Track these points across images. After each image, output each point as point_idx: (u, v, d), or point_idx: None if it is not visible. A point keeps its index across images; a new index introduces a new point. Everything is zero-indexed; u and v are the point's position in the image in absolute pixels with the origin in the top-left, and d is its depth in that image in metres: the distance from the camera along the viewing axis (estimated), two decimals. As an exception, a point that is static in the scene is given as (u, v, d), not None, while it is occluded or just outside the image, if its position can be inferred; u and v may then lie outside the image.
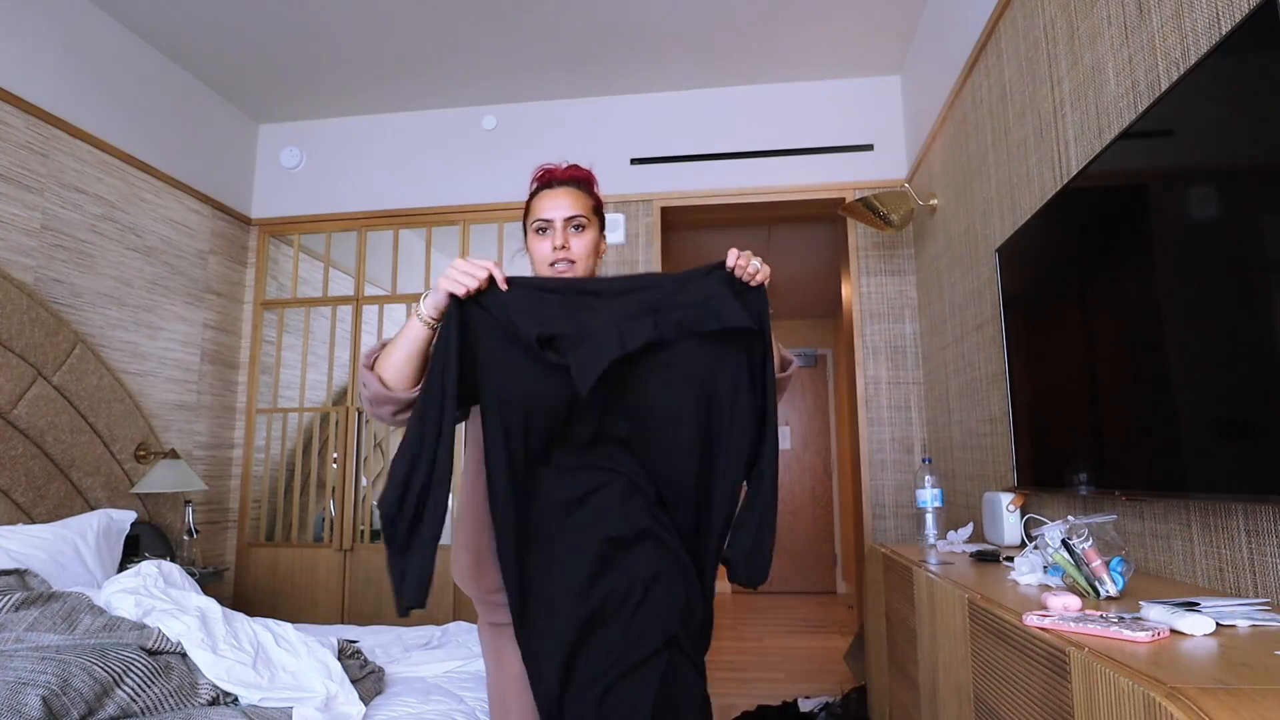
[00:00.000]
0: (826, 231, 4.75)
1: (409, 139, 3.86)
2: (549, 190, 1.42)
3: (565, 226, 1.39)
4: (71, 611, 1.73)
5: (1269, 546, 1.20)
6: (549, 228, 1.40)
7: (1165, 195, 1.40)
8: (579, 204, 1.41)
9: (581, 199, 1.42)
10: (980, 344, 2.54)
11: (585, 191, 1.44)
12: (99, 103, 3.01)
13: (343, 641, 1.92)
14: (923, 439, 3.33)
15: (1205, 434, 1.27)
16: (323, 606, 3.57)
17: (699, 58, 3.41)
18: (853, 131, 3.54)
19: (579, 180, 1.44)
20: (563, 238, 1.38)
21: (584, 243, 1.40)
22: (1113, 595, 1.27)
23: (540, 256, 1.40)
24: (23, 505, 2.53)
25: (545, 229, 1.40)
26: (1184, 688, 0.77)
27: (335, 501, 3.70)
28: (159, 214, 3.29)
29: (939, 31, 2.91)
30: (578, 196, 1.42)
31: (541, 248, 1.40)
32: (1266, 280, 1.12)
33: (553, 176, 1.43)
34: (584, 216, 1.41)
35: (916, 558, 2.05)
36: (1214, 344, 1.23)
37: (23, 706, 1.27)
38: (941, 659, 1.65)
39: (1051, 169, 1.97)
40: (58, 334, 2.68)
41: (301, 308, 3.87)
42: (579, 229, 1.40)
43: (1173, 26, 1.42)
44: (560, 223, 1.39)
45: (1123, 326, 1.53)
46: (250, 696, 1.59)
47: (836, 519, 6.91)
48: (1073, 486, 1.76)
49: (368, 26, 3.15)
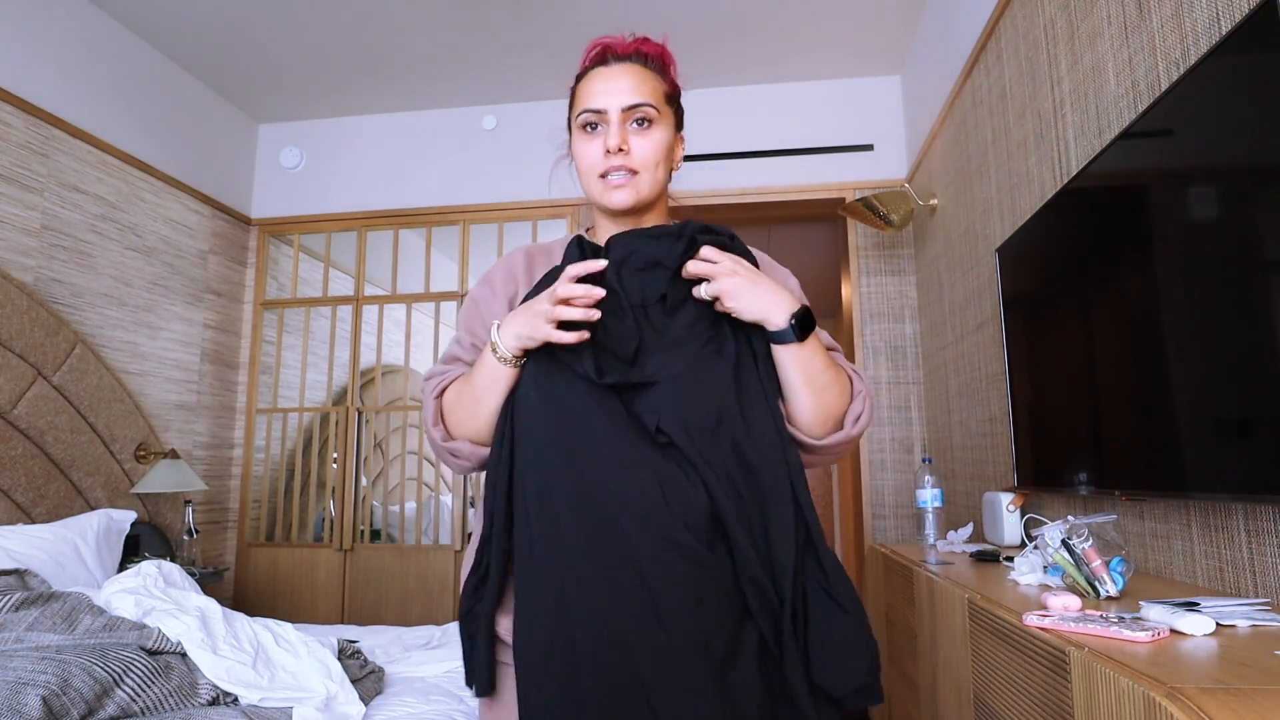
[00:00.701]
0: (826, 231, 4.75)
1: (409, 139, 3.86)
2: (603, 69, 1.02)
3: (624, 120, 0.99)
4: (71, 611, 1.73)
5: (1269, 546, 1.20)
6: (600, 121, 1.00)
7: (1165, 195, 1.40)
8: (645, 87, 1.00)
9: (648, 81, 1.01)
10: (980, 344, 2.54)
11: (656, 72, 1.04)
12: (99, 103, 3.01)
13: (343, 641, 1.93)
14: (923, 439, 3.33)
15: (1205, 434, 1.27)
16: (323, 606, 3.57)
17: (699, 58, 3.41)
18: (853, 131, 3.54)
19: (647, 57, 1.04)
20: (619, 136, 0.98)
21: (650, 144, 1.00)
22: (1113, 595, 1.27)
23: (587, 165, 1.02)
24: (23, 505, 2.53)
25: (595, 124, 1.01)
26: (1184, 688, 0.77)
27: (335, 501, 3.70)
28: (159, 214, 3.29)
29: (939, 31, 2.91)
30: (644, 78, 1.01)
31: (590, 151, 1.01)
32: (1266, 280, 1.12)
33: (611, 50, 1.04)
34: (651, 106, 1.00)
35: (916, 558, 2.05)
36: (1214, 344, 1.23)
37: (23, 706, 1.27)
38: (941, 659, 1.65)
39: (1051, 169, 1.97)
40: (58, 334, 2.68)
41: (301, 308, 3.87)
42: (644, 124, 1.00)
43: (1173, 26, 1.42)
44: (617, 114, 0.99)
45: (1123, 326, 1.53)
46: (250, 696, 1.59)
47: (836, 519, 6.91)
48: (1073, 486, 1.76)
49: (367, 26, 3.15)
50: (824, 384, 0.95)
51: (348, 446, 3.71)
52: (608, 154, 0.99)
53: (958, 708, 1.53)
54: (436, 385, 1.02)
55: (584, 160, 1.02)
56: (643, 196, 1.01)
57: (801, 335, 0.92)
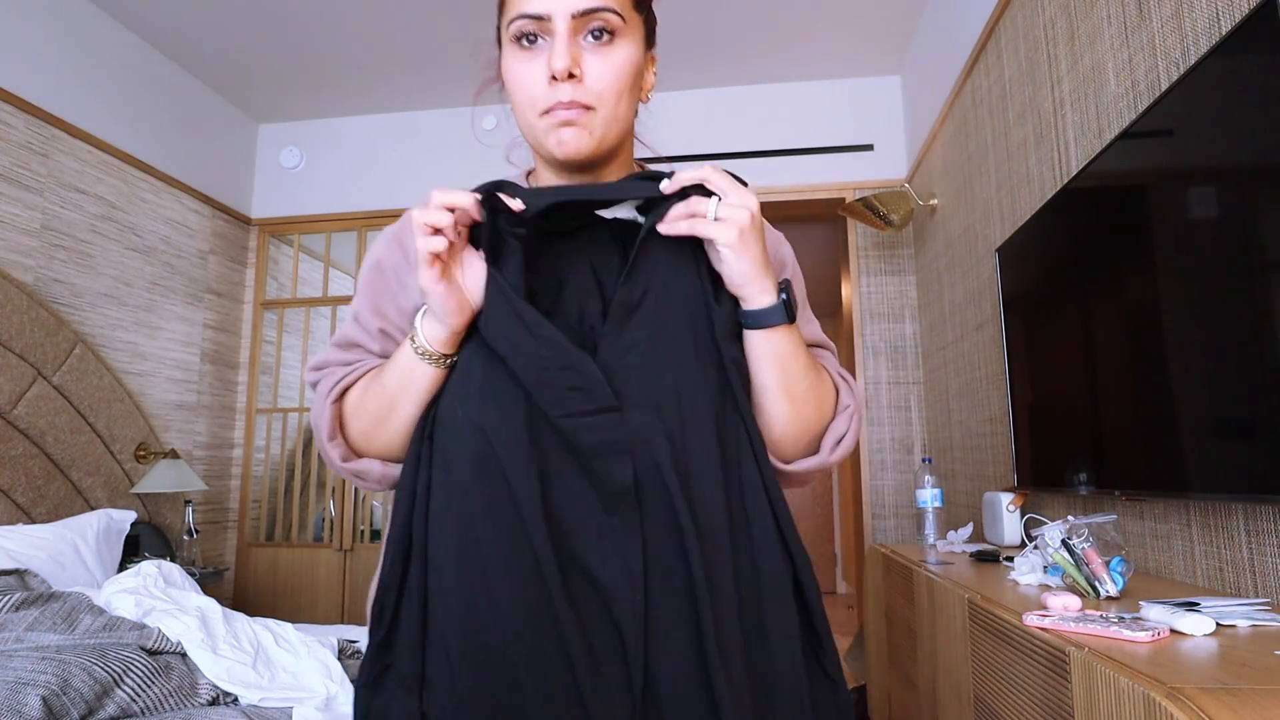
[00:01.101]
0: (826, 231, 4.75)
1: (409, 139, 3.86)
2: None
3: (576, 31, 0.71)
4: (71, 611, 1.73)
5: (1269, 546, 1.20)
6: (541, 33, 0.72)
7: (1165, 195, 1.40)
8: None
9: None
10: (980, 344, 2.54)
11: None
12: (99, 103, 3.01)
13: (343, 641, 1.93)
14: (923, 439, 3.33)
15: (1205, 434, 1.27)
16: (323, 606, 3.57)
17: (699, 58, 3.41)
18: (853, 131, 3.54)
19: None
20: (569, 55, 0.70)
21: (612, 66, 0.72)
22: (1113, 595, 1.27)
23: (526, 95, 0.74)
24: (23, 505, 2.52)
25: (534, 35, 0.73)
26: (1184, 688, 0.77)
27: (335, 501, 3.70)
28: (159, 214, 3.29)
29: (939, 31, 2.91)
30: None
31: (527, 76, 0.73)
32: (1266, 280, 1.12)
33: None
34: (613, 12, 0.72)
35: (916, 558, 2.05)
36: (1214, 344, 1.23)
37: (23, 706, 1.27)
38: (941, 659, 1.65)
39: (1051, 169, 1.97)
40: (58, 334, 2.68)
41: (301, 308, 3.87)
42: (602, 36, 0.72)
43: (1173, 26, 1.42)
44: (565, 24, 0.71)
45: (1123, 326, 1.53)
46: (250, 696, 1.59)
47: (836, 519, 6.91)
48: (1073, 486, 1.76)
49: (368, 26, 3.15)
50: (803, 390, 0.74)
51: (348, 446, 3.70)
52: (553, 80, 0.71)
53: (958, 708, 1.53)
54: (331, 385, 0.77)
55: (520, 89, 0.74)
56: (601, 140, 0.74)
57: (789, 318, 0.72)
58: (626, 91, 0.74)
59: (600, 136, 0.74)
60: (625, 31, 0.73)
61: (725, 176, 0.69)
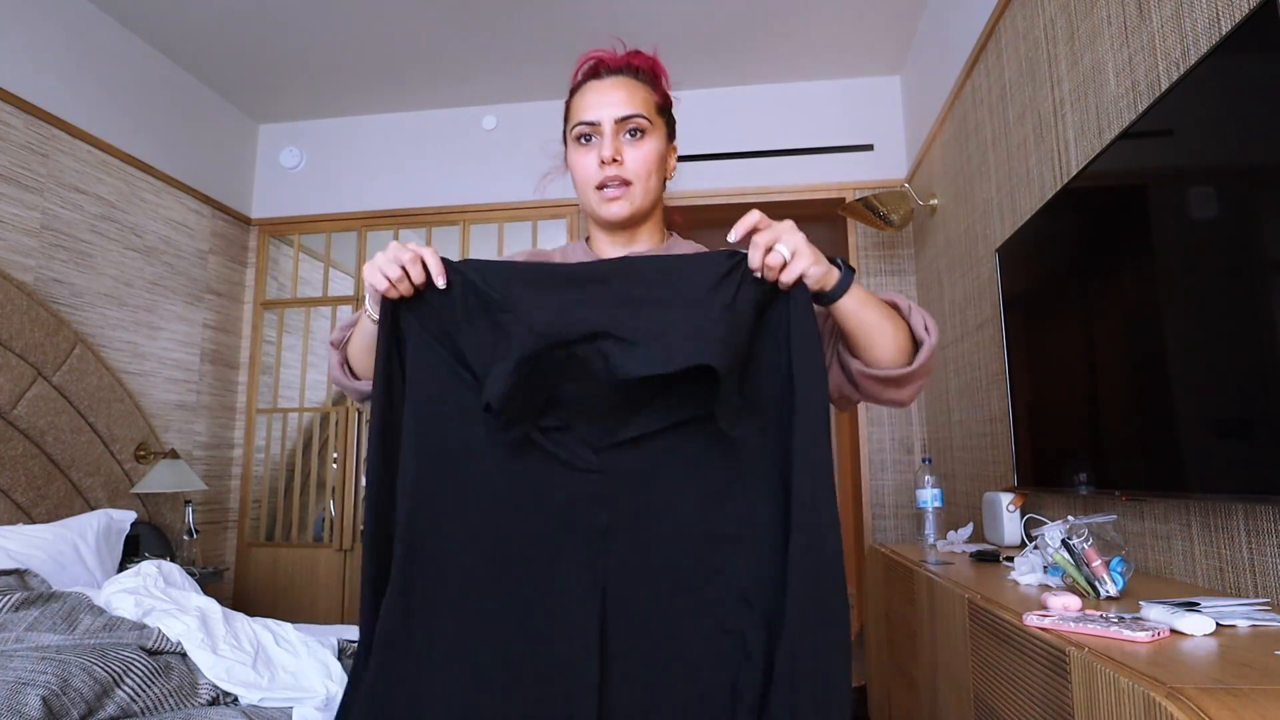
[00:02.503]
0: (826, 231, 4.74)
1: (409, 139, 3.86)
2: (595, 82, 1.04)
3: (617, 132, 1.01)
4: (71, 611, 1.73)
5: (1269, 546, 1.20)
6: (594, 133, 1.02)
7: (1165, 195, 1.40)
8: (636, 98, 1.02)
9: (641, 93, 1.03)
10: (980, 344, 2.54)
11: (647, 83, 1.06)
12: (99, 103, 3.01)
13: (343, 641, 1.92)
14: (923, 439, 3.33)
15: (1205, 434, 1.27)
16: (323, 606, 3.57)
17: (699, 58, 3.41)
18: (853, 131, 3.54)
19: (638, 70, 1.05)
20: (613, 147, 1.00)
21: (643, 155, 1.02)
22: (1113, 595, 1.27)
23: (583, 176, 1.03)
24: (23, 505, 2.52)
25: (589, 136, 1.02)
26: (1184, 688, 0.77)
27: (335, 501, 3.70)
28: (159, 214, 3.29)
29: (939, 31, 2.91)
30: (635, 90, 1.03)
31: (584, 163, 1.03)
32: (1266, 280, 1.12)
33: (603, 64, 1.05)
34: (643, 117, 1.02)
35: (916, 558, 2.05)
36: (1214, 344, 1.23)
37: (23, 706, 1.27)
38: (941, 659, 1.65)
39: (1051, 169, 1.97)
40: (58, 334, 2.68)
41: (301, 308, 3.87)
42: (637, 135, 1.02)
43: (1173, 26, 1.42)
44: (610, 126, 1.01)
45: (1123, 326, 1.53)
46: (250, 696, 1.59)
47: (836, 519, 6.90)
48: (1073, 486, 1.76)
49: (368, 26, 3.15)
50: (887, 313, 0.92)
51: (348, 446, 3.71)
52: (602, 165, 1.01)
53: (958, 708, 1.53)
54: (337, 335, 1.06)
55: (580, 172, 1.04)
56: (638, 207, 1.03)
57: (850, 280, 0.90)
58: (654, 171, 1.03)
59: (636, 205, 1.03)
60: (652, 130, 1.03)
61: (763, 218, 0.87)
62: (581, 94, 1.05)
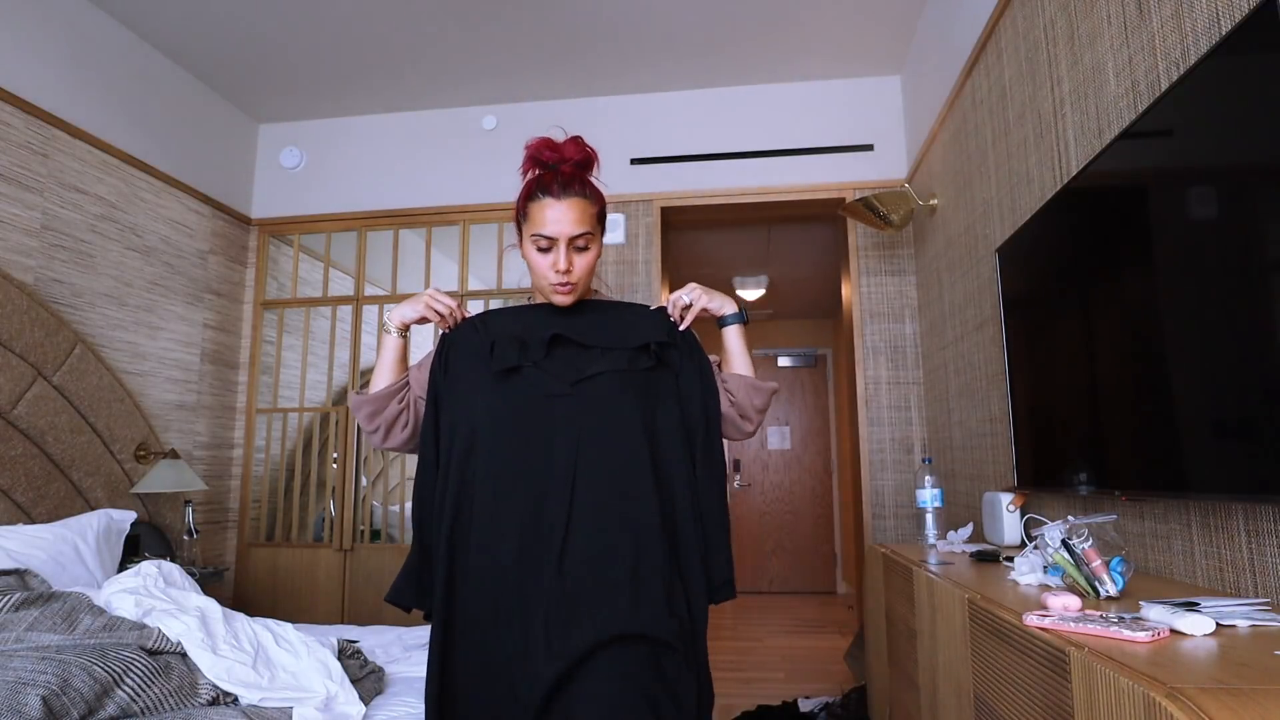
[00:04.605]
0: (826, 231, 4.75)
1: (409, 139, 3.86)
2: (552, 200, 1.30)
3: (569, 247, 1.30)
4: (71, 611, 1.73)
5: (1269, 546, 1.21)
6: (552, 247, 1.30)
7: (1165, 195, 1.40)
8: (584, 219, 1.30)
9: (586, 212, 1.31)
10: (980, 344, 2.54)
11: (591, 199, 1.33)
12: (99, 103, 3.01)
13: (343, 641, 1.92)
14: (923, 439, 3.33)
15: (1205, 434, 1.27)
16: (323, 606, 3.57)
17: (699, 58, 3.41)
18: (853, 131, 3.54)
19: (583, 185, 1.32)
20: (566, 260, 1.29)
21: (586, 262, 1.32)
22: (1113, 595, 1.27)
23: (540, 272, 1.33)
24: (23, 505, 2.53)
25: (547, 248, 1.31)
26: (1184, 688, 0.77)
27: (335, 501, 3.70)
28: (159, 214, 3.29)
29: (939, 31, 2.91)
30: (583, 210, 1.31)
31: (541, 263, 1.32)
32: (1266, 280, 1.12)
33: (554, 180, 1.31)
34: (589, 233, 1.31)
35: (916, 558, 2.05)
36: (1214, 344, 1.23)
37: (23, 706, 1.27)
38: (941, 659, 1.65)
39: (1051, 169, 1.97)
40: (58, 334, 2.68)
41: (301, 308, 3.87)
42: (583, 249, 1.32)
43: (1173, 26, 1.42)
44: (564, 243, 1.29)
45: (1123, 326, 1.53)
46: (250, 696, 1.59)
47: (836, 519, 6.91)
48: (1073, 486, 1.76)
49: (368, 26, 3.15)
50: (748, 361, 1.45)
51: (348, 446, 3.71)
52: (556, 270, 1.30)
53: (958, 708, 1.53)
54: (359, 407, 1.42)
55: (537, 269, 1.33)
56: (579, 295, 1.36)
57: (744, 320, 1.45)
58: (591, 270, 1.35)
59: (579, 294, 1.36)
60: (593, 240, 1.34)
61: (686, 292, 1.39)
62: (539, 207, 1.31)
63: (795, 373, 7.11)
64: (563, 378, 1.28)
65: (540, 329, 1.33)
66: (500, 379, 1.29)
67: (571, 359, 1.31)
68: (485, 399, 1.29)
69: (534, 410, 1.27)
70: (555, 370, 1.29)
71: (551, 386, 1.28)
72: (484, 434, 1.28)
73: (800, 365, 7.12)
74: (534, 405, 1.27)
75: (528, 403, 1.28)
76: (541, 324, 1.34)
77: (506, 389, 1.29)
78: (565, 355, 1.32)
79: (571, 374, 1.29)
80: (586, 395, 1.28)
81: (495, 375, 1.29)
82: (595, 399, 1.28)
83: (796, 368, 7.11)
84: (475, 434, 1.29)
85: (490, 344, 1.32)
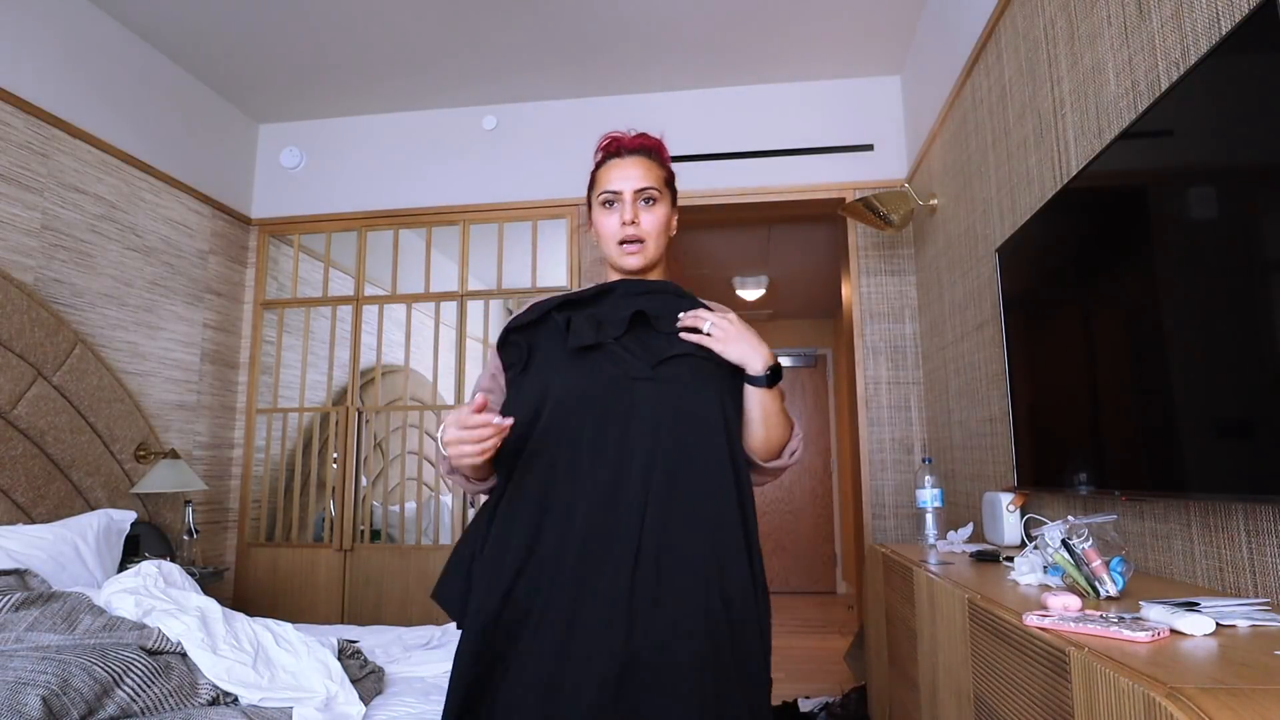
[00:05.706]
0: (826, 231, 4.75)
1: (409, 139, 3.86)
2: (617, 159, 1.31)
3: (635, 199, 1.27)
4: (71, 611, 1.73)
5: (1269, 546, 1.21)
6: (617, 200, 1.28)
7: (1165, 195, 1.40)
8: (650, 174, 1.29)
9: (653, 170, 1.30)
10: (980, 344, 2.54)
11: (657, 161, 1.32)
12: (99, 103, 3.01)
13: (343, 641, 1.93)
14: (923, 439, 3.33)
15: (1205, 434, 1.27)
16: (323, 606, 3.57)
17: (699, 58, 3.41)
18: (853, 131, 3.54)
19: (649, 149, 1.32)
20: (632, 212, 1.27)
21: (655, 218, 1.29)
22: (1113, 595, 1.27)
23: (608, 232, 1.29)
24: (23, 505, 2.53)
25: (613, 202, 1.29)
26: (1184, 688, 0.77)
27: (335, 501, 3.70)
28: (159, 214, 3.29)
29: (939, 32, 2.91)
30: (649, 167, 1.30)
31: (608, 223, 1.29)
32: (1266, 280, 1.12)
33: (620, 144, 1.32)
34: (655, 189, 1.29)
35: (916, 558, 2.05)
36: (1214, 344, 1.23)
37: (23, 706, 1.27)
38: (941, 659, 1.65)
39: (1051, 169, 1.97)
40: (58, 334, 2.68)
41: (301, 308, 3.87)
42: (650, 203, 1.29)
43: (1173, 26, 1.42)
44: (630, 195, 1.27)
45: (1123, 326, 1.53)
46: (250, 696, 1.59)
47: (836, 519, 6.91)
48: (1073, 486, 1.76)
49: (368, 26, 3.15)
50: (775, 423, 1.23)
51: (348, 446, 3.71)
52: (623, 225, 1.27)
53: (958, 708, 1.53)
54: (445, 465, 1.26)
55: (604, 229, 1.30)
56: (650, 259, 1.30)
57: (770, 384, 1.21)
58: (663, 232, 1.31)
59: (649, 257, 1.30)
60: (661, 199, 1.30)
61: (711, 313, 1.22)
62: (606, 169, 1.31)
63: (795, 373, 7.11)
64: (643, 359, 1.20)
65: (620, 308, 1.24)
66: (576, 356, 1.20)
67: (647, 340, 1.23)
68: (562, 377, 1.20)
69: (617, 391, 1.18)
70: (635, 350, 1.21)
71: (634, 368, 1.19)
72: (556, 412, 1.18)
73: (800, 365, 7.12)
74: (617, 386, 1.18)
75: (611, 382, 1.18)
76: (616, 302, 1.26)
77: (587, 366, 1.19)
78: (642, 336, 1.23)
79: (650, 355, 1.20)
80: (665, 379, 1.19)
81: (571, 353, 1.20)
82: (676, 383, 1.19)
83: (796, 368, 7.12)
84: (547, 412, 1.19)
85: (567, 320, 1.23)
